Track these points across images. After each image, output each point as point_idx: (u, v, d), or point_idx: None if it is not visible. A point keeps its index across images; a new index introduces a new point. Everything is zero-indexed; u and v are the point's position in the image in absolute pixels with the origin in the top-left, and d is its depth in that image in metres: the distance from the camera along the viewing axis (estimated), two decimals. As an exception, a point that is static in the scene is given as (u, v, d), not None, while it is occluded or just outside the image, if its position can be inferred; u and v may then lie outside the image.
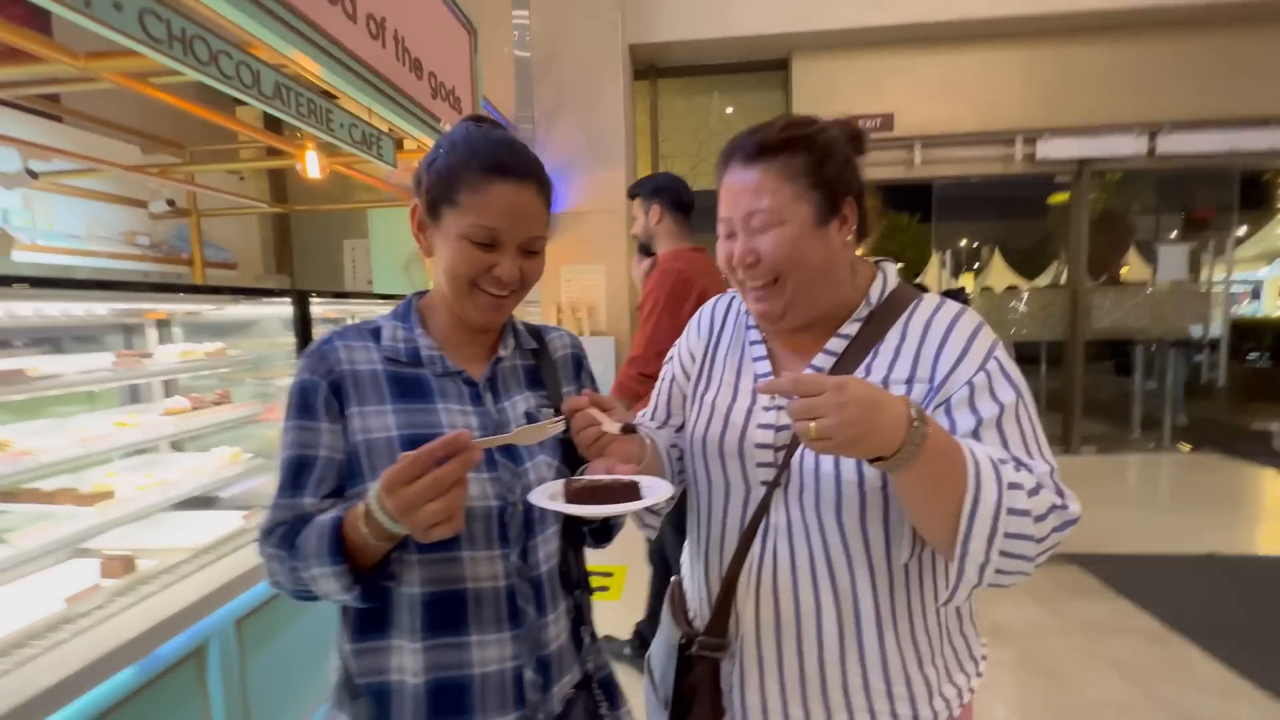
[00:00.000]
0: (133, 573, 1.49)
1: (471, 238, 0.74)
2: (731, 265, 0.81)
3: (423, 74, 2.58)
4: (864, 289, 0.82)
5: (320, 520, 0.68)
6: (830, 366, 0.79)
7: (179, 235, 4.42)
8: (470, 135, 0.77)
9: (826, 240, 0.77)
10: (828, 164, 0.76)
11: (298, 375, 0.76)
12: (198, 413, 1.84)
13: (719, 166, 0.83)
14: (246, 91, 1.58)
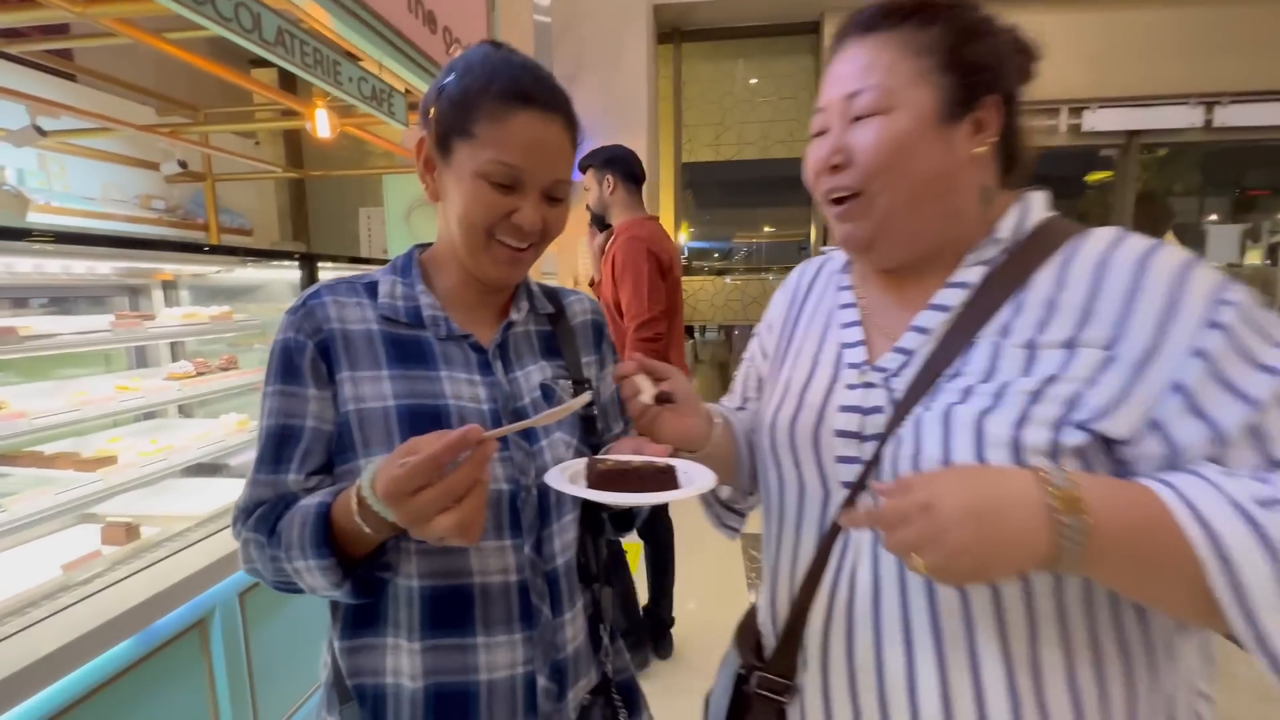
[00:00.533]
0: (136, 540, 1.45)
1: (489, 177, 0.64)
2: (816, 174, 0.63)
3: (436, 28, 2.45)
4: (993, 223, 0.61)
5: (305, 505, 0.60)
6: (944, 330, 0.60)
7: (195, 200, 4.37)
8: (489, 58, 0.66)
9: (948, 145, 0.58)
10: (973, 44, 0.58)
11: (280, 333, 0.67)
12: (203, 378, 1.78)
13: (830, 50, 0.66)
14: (246, 36, 1.48)
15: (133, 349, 1.96)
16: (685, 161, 5.21)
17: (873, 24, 0.60)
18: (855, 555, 0.62)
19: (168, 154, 3.64)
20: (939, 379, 0.58)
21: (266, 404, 0.66)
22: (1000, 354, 0.56)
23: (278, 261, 2.04)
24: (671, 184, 5.18)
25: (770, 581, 0.73)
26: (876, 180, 0.59)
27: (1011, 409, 0.53)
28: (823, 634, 0.63)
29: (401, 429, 0.63)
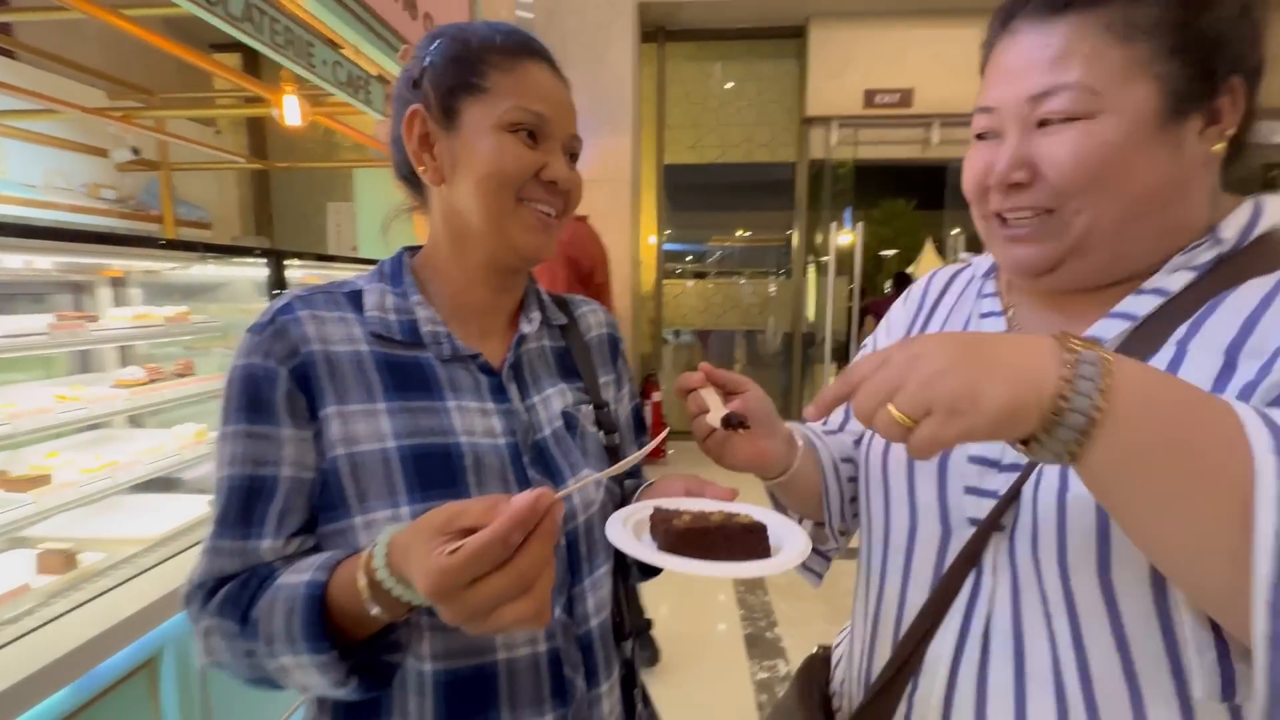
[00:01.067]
0: (74, 569, 1.29)
1: (515, 124, 0.56)
2: (984, 186, 0.52)
3: (417, 14, 2.32)
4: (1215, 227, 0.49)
5: (289, 585, 0.48)
6: (1123, 339, 0.49)
7: (149, 190, 4.10)
8: (471, 24, 0.60)
9: (1175, 148, 0.46)
10: (1208, 15, 0.45)
11: (241, 358, 0.54)
12: (155, 385, 1.62)
13: (991, 32, 0.53)
14: (210, 10, 1.33)
15: (76, 353, 1.78)
16: (667, 163, 5.14)
17: (1063, 3, 0.47)
18: (990, 609, 0.50)
19: (119, 140, 3.40)
20: None
21: (226, 450, 0.53)
22: (1182, 362, 0.45)
23: (241, 258, 1.88)
24: (653, 185, 5.10)
25: (865, 630, 0.62)
26: (1075, 200, 0.47)
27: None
28: (943, 698, 0.51)
29: (406, 476, 0.53)
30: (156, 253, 1.67)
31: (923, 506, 0.57)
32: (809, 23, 4.68)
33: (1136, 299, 0.49)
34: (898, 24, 4.57)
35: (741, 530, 0.49)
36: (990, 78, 0.52)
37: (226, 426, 0.53)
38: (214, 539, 0.53)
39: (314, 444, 0.53)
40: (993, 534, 0.51)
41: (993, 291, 0.62)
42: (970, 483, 0.53)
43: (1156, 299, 0.48)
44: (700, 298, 5.51)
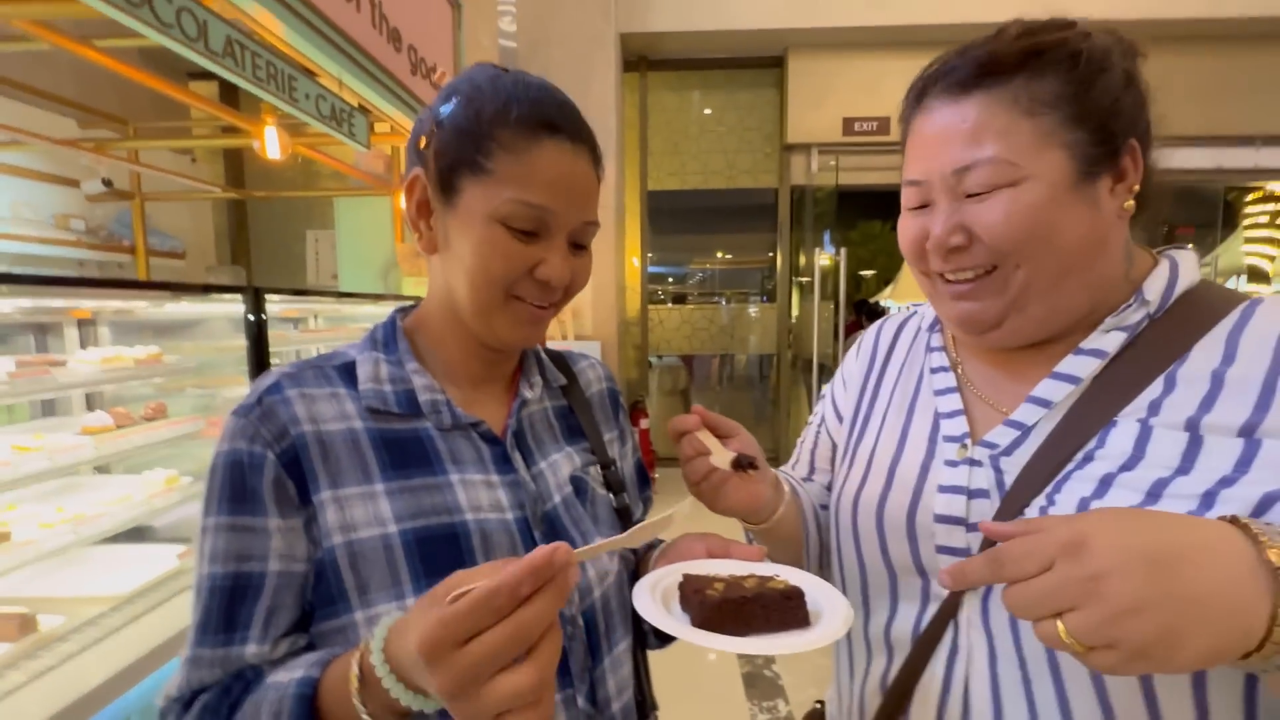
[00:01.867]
0: (32, 633, 1.20)
1: (510, 221, 0.51)
2: (923, 250, 0.54)
3: (401, 46, 2.30)
4: (1136, 284, 0.53)
5: (277, 685, 0.43)
6: (1071, 402, 0.51)
7: (120, 220, 4.00)
8: (500, 80, 0.53)
9: (1092, 207, 0.49)
10: (1100, 83, 0.49)
11: (226, 443, 0.50)
12: (124, 431, 1.54)
13: (907, 107, 0.56)
14: (191, 45, 1.30)
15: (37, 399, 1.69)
16: (650, 189, 5.18)
17: (971, 82, 0.50)
18: (967, 662, 0.51)
19: (91, 171, 3.31)
20: (1066, 464, 0.49)
21: (208, 545, 0.49)
22: (1150, 437, 0.46)
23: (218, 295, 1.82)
24: (637, 211, 5.12)
25: (849, 683, 0.62)
26: (1013, 256, 0.50)
27: (1176, 504, 0.43)
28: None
29: (410, 563, 0.48)
30: (128, 293, 1.60)
31: (899, 566, 0.57)
32: (787, 53, 4.79)
33: (1076, 359, 0.52)
34: (874, 55, 4.69)
35: (779, 598, 0.46)
36: (913, 152, 0.55)
37: (208, 519, 0.49)
38: (194, 647, 0.48)
39: (304, 534, 0.49)
40: (966, 593, 0.52)
41: (940, 345, 0.64)
42: (940, 541, 0.54)
43: (1096, 360, 0.51)
44: (686, 322, 5.51)
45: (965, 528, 0.53)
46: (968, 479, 0.54)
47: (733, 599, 0.45)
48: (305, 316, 2.73)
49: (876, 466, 0.61)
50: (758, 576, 0.49)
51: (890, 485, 0.58)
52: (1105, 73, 0.49)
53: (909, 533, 0.56)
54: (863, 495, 0.60)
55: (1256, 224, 5.68)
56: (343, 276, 4.26)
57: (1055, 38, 0.50)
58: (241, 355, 1.80)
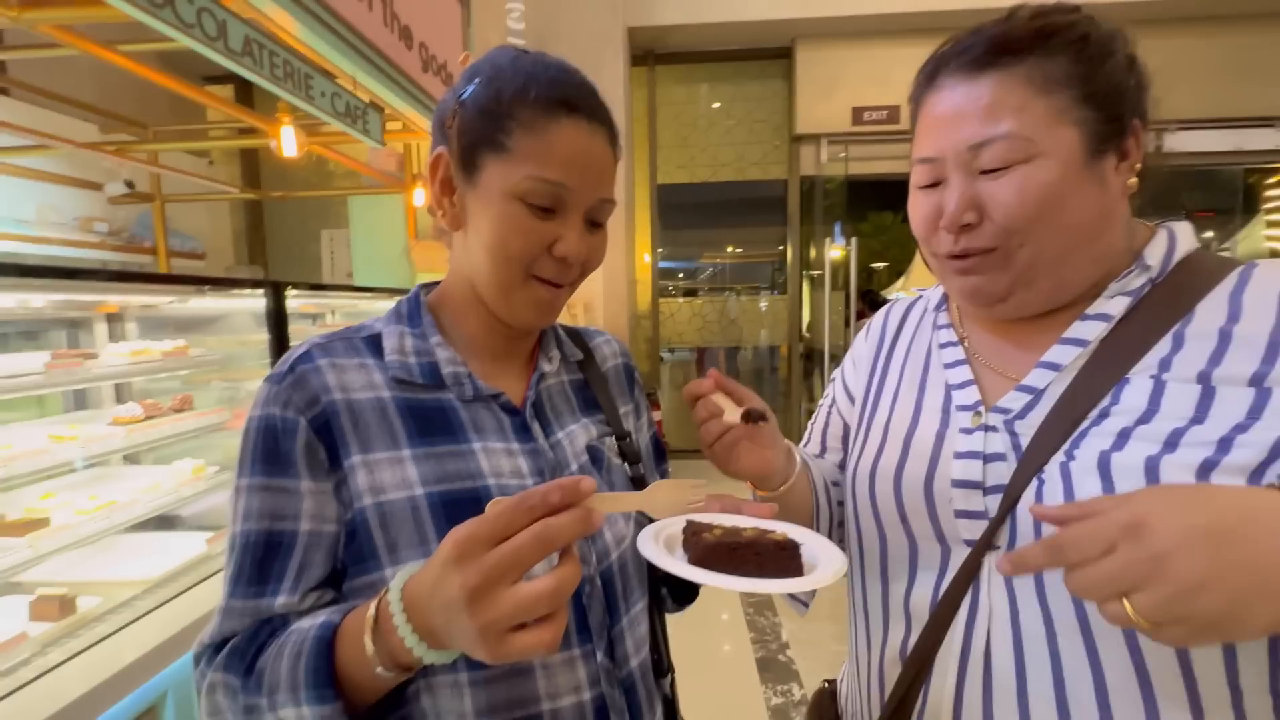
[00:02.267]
0: (71, 614, 1.25)
1: (528, 197, 0.53)
2: (935, 227, 0.56)
3: (413, 44, 2.34)
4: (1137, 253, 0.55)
5: (299, 630, 0.46)
6: (1080, 364, 0.53)
7: (141, 222, 4.09)
8: (520, 60, 0.55)
9: (1100, 185, 0.51)
10: (1108, 64, 0.51)
11: (259, 409, 0.52)
12: (153, 421, 1.59)
13: (918, 87, 0.58)
14: (211, 45, 1.34)
15: (71, 390, 1.75)
16: (660, 183, 5.19)
17: (985, 60, 0.52)
18: (988, 624, 0.52)
19: (113, 174, 3.39)
20: (1081, 421, 0.50)
21: (241, 504, 0.51)
22: (1163, 391, 0.48)
23: (240, 290, 1.87)
24: (647, 205, 5.13)
25: (867, 656, 0.63)
26: (1018, 235, 0.52)
27: (1191, 452, 0.45)
28: (952, 712, 0.53)
29: (437, 524, 0.51)
30: (154, 287, 1.65)
31: (919, 533, 0.58)
32: (795, 44, 4.77)
33: (1083, 324, 0.54)
34: (882, 43, 4.65)
35: (774, 547, 0.47)
36: (925, 130, 0.56)
37: (241, 479, 0.51)
38: (227, 598, 0.51)
39: (335, 496, 0.52)
40: (988, 552, 0.53)
41: (946, 323, 0.66)
42: (959, 506, 0.55)
43: (1102, 324, 0.53)
44: (697, 314, 5.52)
45: (983, 491, 0.54)
46: (983, 444, 0.55)
47: (727, 543, 0.47)
48: (323, 312, 2.79)
49: (892, 438, 0.62)
50: (759, 529, 0.51)
51: (907, 455, 0.60)
52: (1112, 55, 0.52)
53: (927, 499, 0.57)
54: (880, 466, 0.62)
55: (1278, 208, 5.56)
56: (358, 274, 4.33)
57: (1066, 19, 0.52)
58: (263, 349, 1.85)
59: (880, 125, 4.73)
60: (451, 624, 0.37)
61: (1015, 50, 0.51)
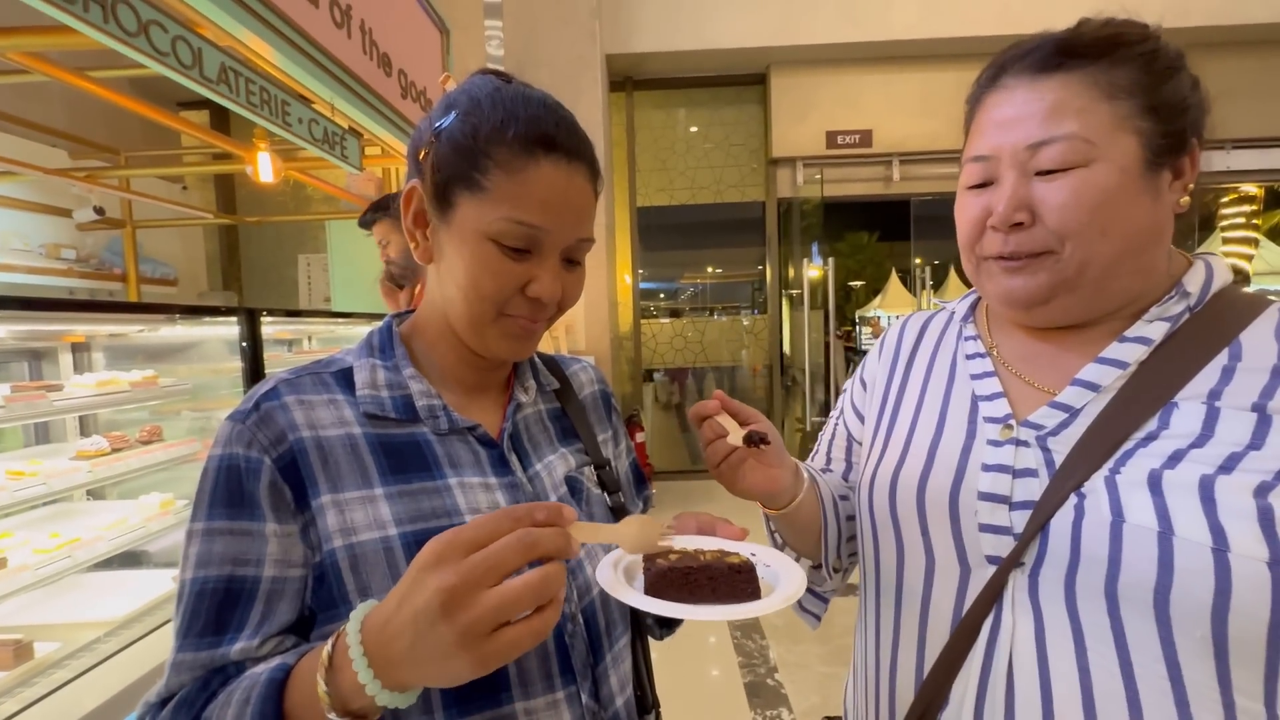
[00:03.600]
0: (28, 661, 1.19)
1: (503, 238, 0.51)
2: (982, 228, 0.55)
3: (391, 71, 2.35)
4: (1173, 280, 0.54)
5: (253, 675, 0.43)
6: (1118, 385, 0.52)
7: (111, 249, 4.01)
8: (500, 93, 0.53)
9: (1154, 198, 0.51)
10: (1173, 80, 0.50)
11: (221, 448, 0.49)
12: (119, 454, 1.54)
13: (978, 88, 0.57)
14: (186, 73, 1.33)
15: (33, 423, 1.69)
16: (640, 206, 5.25)
17: (1052, 63, 0.52)
18: (1010, 642, 0.50)
19: (82, 200, 3.33)
20: (1124, 442, 0.50)
21: (196, 548, 0.48)
22: (1218, 417, 0.48)
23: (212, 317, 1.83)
24: (627, 227, 5.18)
25: (875, 675, 0.61)
26: (1071, 241, 0.51)
27: (1249, 476, 0.44)
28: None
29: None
30: (122, 317, 1.61)
31: (939, 547, 0.57)
32: (769, 70, 4.89)
33: (1123, 346, 0.53)
34: (853, 70, 4.80)
35: (729, 570, 0.46)
36: (982, 129, 0.56)
37: (197, 522, 0.48)
38: (179, 651, 0.47)
39: (302, 539, 0.49)
40: (1013, 569, 0.52)
41: (974, 334, 0.64)
42: (984, 520, 0.54)
43: (1142, 347, 0.52)
44: (678, 336, 5.54)
45: (1009, 506, 0.53)
46: (1014, 458, 0.54)
47: (681, 568, 0.46)
48: (299, 338, 2.74)
49: (915, 448, 0.61)
50: (719, 550, 0.50)
51: (931, 465, 0.59)
52: (1178, 71, 0.52)
53: (951, 511, 0.56)
54: (901, 476, 0.60)
55: (1234, 224, 5.80)
56: (336, 299, 4.28)
57: (1138, 32, 0.52)
58: (237, 377, 1.80)
59: (853, 149, 4.86)
60: (423, 640, 0.35)
61: (1083, 54, 0.51)
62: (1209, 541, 0.43)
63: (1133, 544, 0.46)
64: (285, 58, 1.64)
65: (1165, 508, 0.45)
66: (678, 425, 5.80)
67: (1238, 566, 0.42)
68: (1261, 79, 4.66)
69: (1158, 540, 0.45)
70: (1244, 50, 4.65)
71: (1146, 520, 0.46)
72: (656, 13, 4.55)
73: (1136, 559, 0.45)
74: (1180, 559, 0.44)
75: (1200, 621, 0.43)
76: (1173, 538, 0.44)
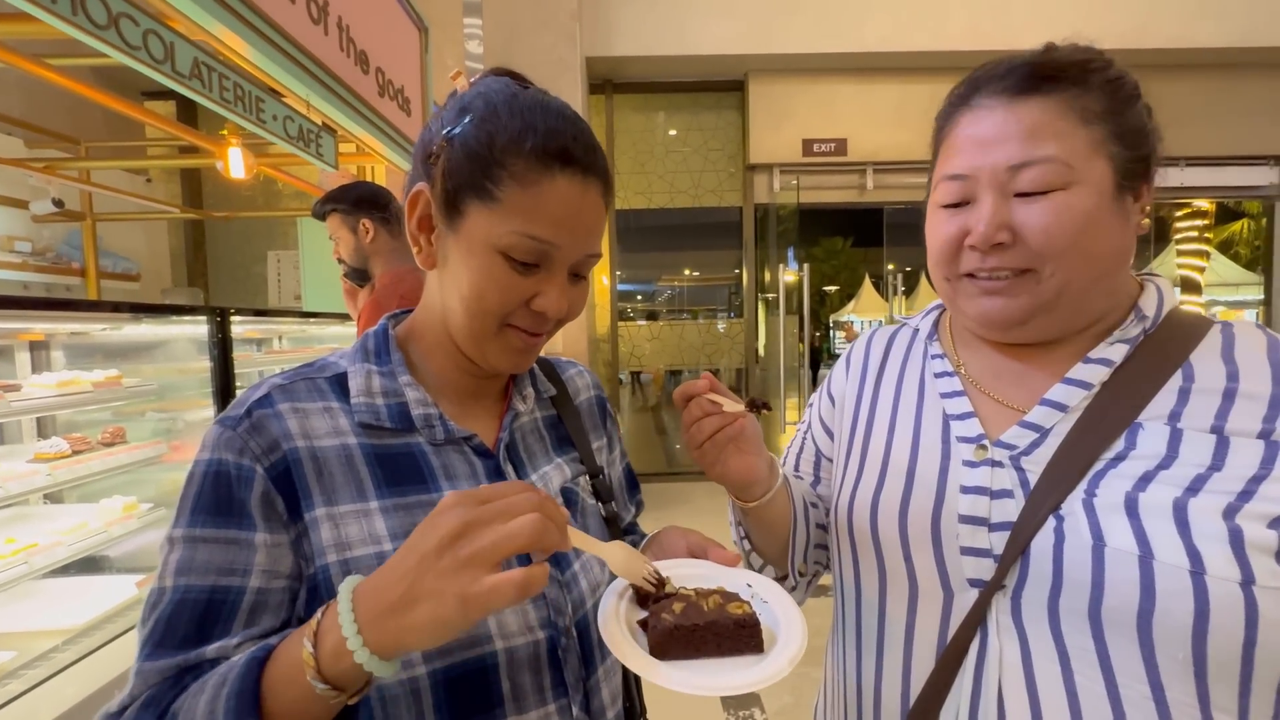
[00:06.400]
0: (-19, 671, 1.15)
1: (512, 252, 0.50)
2: (959, 246, 0.56)
3: (369, 68, 2.32)
4: (1126, 301, 0.57)
5: (230, 661, 0.42)
6: (1084, 405, 0.54)
7: (69, 242, 3.86)
8: (518, 101, 0.51)
9: (1124, 220, 0.53)
10: (1135, 107, 0.53)
11: (209, 452, 0.48)
12: (80, 457, 1.49)
13: (949, 106, 0.58)
14: (158, 68, 1.30)
15: (-13, 424, 1.63)
16: (619, 209, 5.26)
17: (1030, 85, 0.53)
18: (999, 667, 0.50)
19: (40, 191, 3.20)
20: (1094, 462, 0.51)
21: (178, 555, 0.46)
22: (1181, 439, 0.50)
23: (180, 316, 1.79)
24: (606, 230, 5.18)
25: (860, 701, 0.61)
26: (1053, 262, 0.52)
27: (1215, 498, 0.46)
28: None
29: None
30: (85, 315, 1.56)
31: (922, 571, 0.57)
32: (748, 78, 4.95)
33: (1087, 367, 0.55)
34: (829, 80, 4.89)
35: (734, 625, 0.48)
36: (958, 147, 0.56)
37: (179, 529, 0.47)
38: (148, 660, 0.44)
39: (291, 550, 0.48)
40: (996, 593, 0.52)
41: (940, 352, 0.65)
42: (965, 543, 0.54)
43: (1104, 368, 0.54)
44: (655, 338, 5.56)
45: (988, 528, 0.53)
46: (990, 480, 0.54)
47: (686, 625, 0.47)
48: (269, 337, 2.69)
49: (893, 470, 0.61)
50: (722, 595, 0.51)
51: (911, 488, 0.59)
52: (1138, 99, 0.54)
53: (934, 535, 0.56)
54: (882, 499, 0.60)
55: (1187, 237, 6.06)
56: (307, 298, 4.19)
57: (1103, 59, 0.54)
58: (204, 377, 1.76)
59: (828, 156, 4.94)
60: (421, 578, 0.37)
61: (1057, 78, 0.52)
62: (1187, 565, 0.44)
63: (1115, 567, 0.47)
64: (260, 53, 1.61)
65: (1143, 531, 0.47)
66: (654, 428, 5.82)
67: (1214, 588, 0.44)
68: (1214, 101, 4.89)
69: (1139, 564, 0.46)
70: (1197, 73, 4.87)
71: (1127, 544, 0.47)
72: (637, 17, 4.57)
73: (1119, 582, 0.46)
74: (1161, 582, 0.45)
75: (1182, 643, 0.44)
76: (1153, 561, 0.45)
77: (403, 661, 0.47)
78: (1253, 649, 0.43)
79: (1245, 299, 6.13)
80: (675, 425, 5.85)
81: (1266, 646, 0.43)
